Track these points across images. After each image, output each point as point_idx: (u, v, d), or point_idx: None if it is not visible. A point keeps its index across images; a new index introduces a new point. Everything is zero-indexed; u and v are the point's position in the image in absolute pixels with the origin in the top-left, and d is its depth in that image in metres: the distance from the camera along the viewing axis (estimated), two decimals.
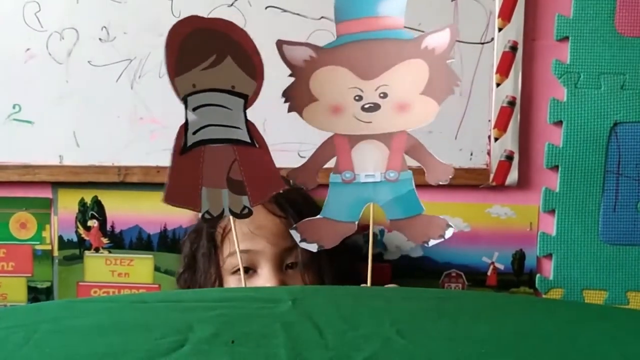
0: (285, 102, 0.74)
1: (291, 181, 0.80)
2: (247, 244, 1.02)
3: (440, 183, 0.78)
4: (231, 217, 0.80)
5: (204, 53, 0.71)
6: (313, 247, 0.78)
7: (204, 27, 0.72)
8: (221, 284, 1.06)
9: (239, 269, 1.01)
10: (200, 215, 0.78)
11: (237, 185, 0.76)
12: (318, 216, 0.77)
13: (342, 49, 0.72)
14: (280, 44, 0.74)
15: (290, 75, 0.73)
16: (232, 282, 1.06)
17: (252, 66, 0.74)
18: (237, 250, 0.83)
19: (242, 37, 0.74)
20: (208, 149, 0.74)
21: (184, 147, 0.73)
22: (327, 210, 0.77)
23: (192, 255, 1.12)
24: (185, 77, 0.70)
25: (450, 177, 0.77)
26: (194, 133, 0.73)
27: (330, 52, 0.72)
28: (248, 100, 0.75)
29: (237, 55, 0.73)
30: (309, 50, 0.72)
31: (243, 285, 0.85)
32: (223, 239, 1.06)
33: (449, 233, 0.78)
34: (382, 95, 0.73)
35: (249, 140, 0.76)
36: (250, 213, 0.80)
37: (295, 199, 1.06)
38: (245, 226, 1.02)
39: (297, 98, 0.74)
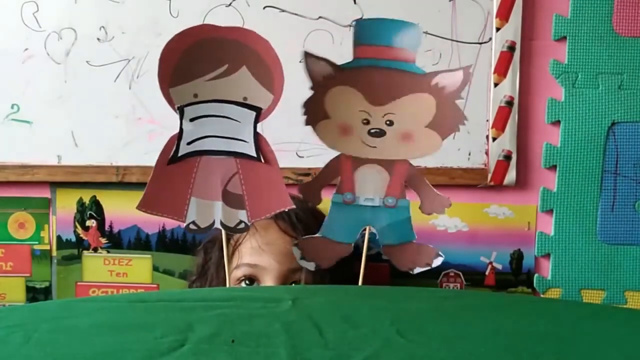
0: (304, 114, 0.75)
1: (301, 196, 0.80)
2: (255, 258, 1.03)
3: (435, 214, 0.79)
4: (223, 231, 0.80)
5: (212, 63, 0.71)
6: (311, 266, 0.79)
7: (214, 36, 0.71)
8: None
9: (242, 281, 1.03)
10: (184, 225, 0.77)
11: (235, 199, 0.76)
12: (317, 234, 0.78)
13: (357, 71, 0.74)
14: (307, 55, 0.74)
15: (311, 89, 0.74)
16: None
17: (271, 78, 0.73)
18: (225, 259, 0.83)
19: (263, 48, 0.73)
20: (204, 159, 0.74)
21: (173, 157, 0.73)
22: (327, 230, 0.78)
23: (204, 264, 1.12)
24: (184, 88, 0.70)
25: (447, 208, 0.79)
26: (189, 143, 0.73)
27: (346, 72, 0.74)
28: (261, 113, 0.74)
29: (255, 65, 0.72)
30: (328, 68, 0.73)
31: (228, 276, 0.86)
32: (234, 250, 1.07)
33: (436, 262, 0.79)
34: (388, 122, 0.75)
35: (254, 155, 0.76)
36: (246, 228, 0.79)
37: (309, 222, 1.05)
38: (255, 241, 1.03)
39: (312, 112, 0.75)
